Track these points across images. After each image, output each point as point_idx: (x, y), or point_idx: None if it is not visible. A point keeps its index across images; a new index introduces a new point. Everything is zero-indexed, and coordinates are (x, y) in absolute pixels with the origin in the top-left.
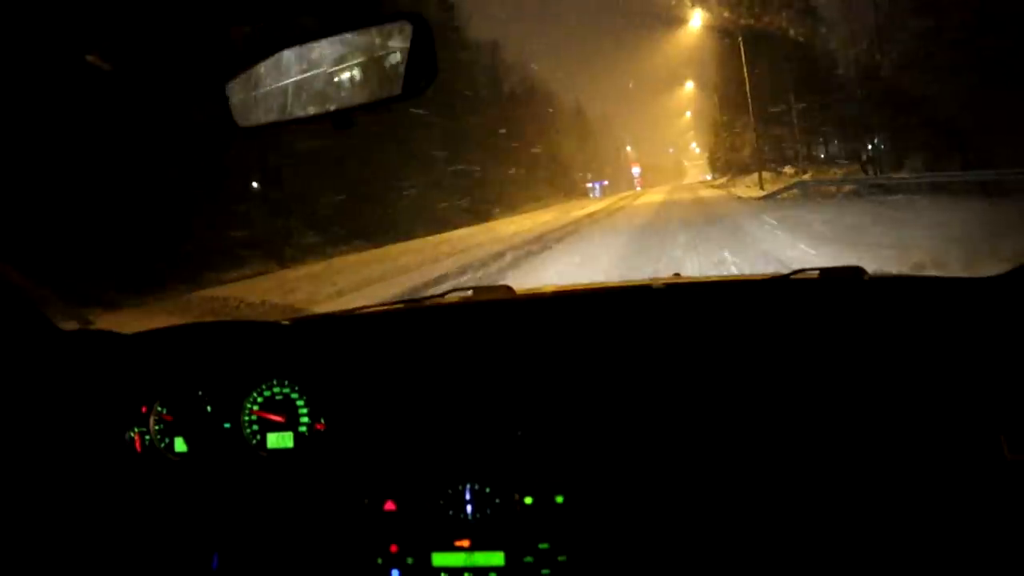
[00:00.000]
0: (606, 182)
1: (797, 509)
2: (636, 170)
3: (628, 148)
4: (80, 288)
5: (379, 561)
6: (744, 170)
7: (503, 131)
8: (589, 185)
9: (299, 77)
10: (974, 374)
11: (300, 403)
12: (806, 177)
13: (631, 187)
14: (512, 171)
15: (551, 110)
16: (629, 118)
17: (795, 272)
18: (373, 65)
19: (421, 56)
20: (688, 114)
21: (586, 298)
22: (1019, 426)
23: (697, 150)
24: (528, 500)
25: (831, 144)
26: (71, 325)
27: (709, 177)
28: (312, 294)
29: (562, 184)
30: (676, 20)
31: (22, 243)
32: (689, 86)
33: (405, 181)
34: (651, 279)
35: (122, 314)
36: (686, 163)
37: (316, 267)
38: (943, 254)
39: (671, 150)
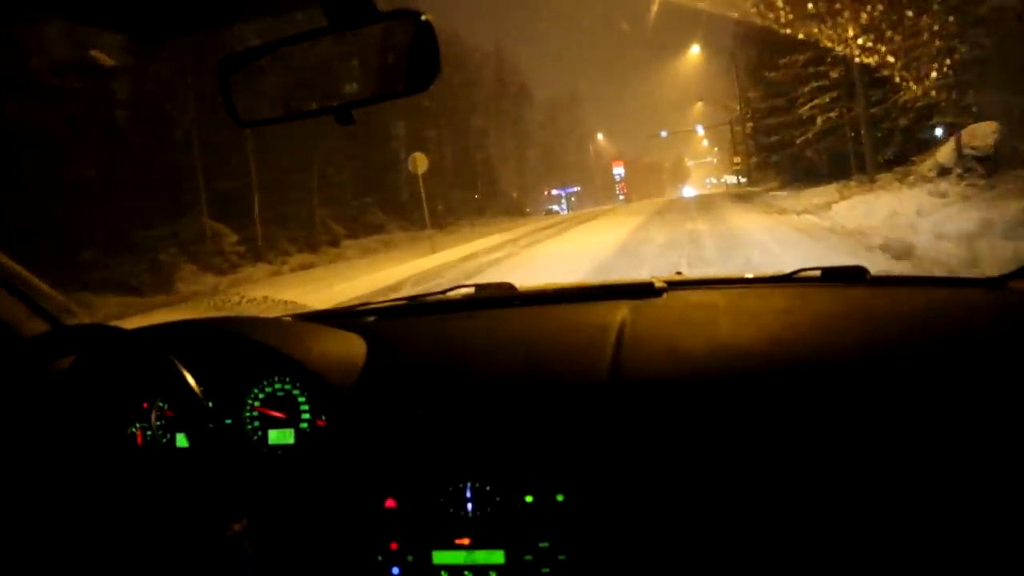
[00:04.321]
0: (576, 188)
1: (797, 507)
2: (619, 171)
3: (600, 136)
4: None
5: (379, 559)
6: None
7: None
8: (555, 192)
9: (301, 74)
10: (979, 374)
11: (301, 400)
12: None
13: (610, 197)
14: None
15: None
16: (592, 63)
17: (797, 271)
18: (375, 61)
19: (423, 52)
20: (696, 48)
21: (587, 294)
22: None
23: (706, 141)
24: (529, 498)
25: None
26: (72, 319)
27: (725, 180)
28: None
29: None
30: None
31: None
32: None
33: None
34: (653, 277)
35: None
36: (688, 161)
37: None
38: None
39: (663, 134)
